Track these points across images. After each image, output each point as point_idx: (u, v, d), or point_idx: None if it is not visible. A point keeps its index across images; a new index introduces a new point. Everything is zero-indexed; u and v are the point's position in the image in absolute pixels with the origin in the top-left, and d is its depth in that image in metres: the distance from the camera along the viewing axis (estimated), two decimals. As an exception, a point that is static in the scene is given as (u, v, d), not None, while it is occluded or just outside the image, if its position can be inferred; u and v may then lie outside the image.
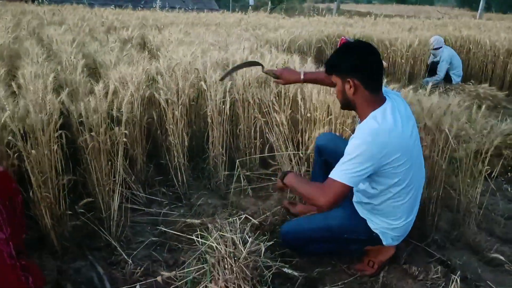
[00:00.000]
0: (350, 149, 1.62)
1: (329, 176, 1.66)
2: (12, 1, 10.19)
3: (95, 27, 5.82)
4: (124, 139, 2.15)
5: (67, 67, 2.90)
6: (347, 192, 1.65)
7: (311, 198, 1.71)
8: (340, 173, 1.63)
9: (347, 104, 1.79)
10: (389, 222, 1.82)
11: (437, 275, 1.95)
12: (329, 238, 1.90)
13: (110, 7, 9.95)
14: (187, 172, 2.74)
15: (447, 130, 2.02)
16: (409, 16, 13.93)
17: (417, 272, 1.98)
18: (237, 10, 12.55)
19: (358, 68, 1.68)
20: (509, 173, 3.09)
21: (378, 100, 1.71)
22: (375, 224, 1.84)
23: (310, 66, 3.20)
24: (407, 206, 1.79)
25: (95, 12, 8.00)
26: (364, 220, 1.86)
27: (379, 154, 1.60)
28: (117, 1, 16.52)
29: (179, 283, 1.75)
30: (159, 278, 1.76)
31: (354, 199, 1.94)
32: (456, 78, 5.97)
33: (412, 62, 5.97)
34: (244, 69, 2.97)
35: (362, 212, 1.88)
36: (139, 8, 10.90)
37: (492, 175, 2.26)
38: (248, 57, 3.41)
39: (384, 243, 1.87)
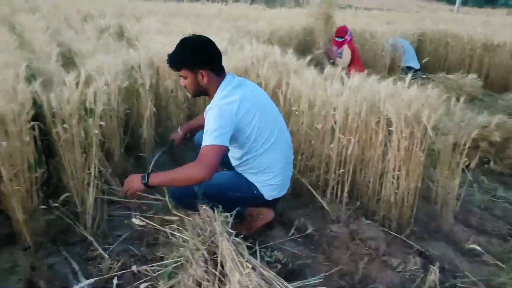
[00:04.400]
0: (210, 120, 1.85)
1: (202, 146, 1.82)
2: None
3: (71, 15, 5.66)
4: (96, 131, 2.08)
5: (40, 55, 2.80)
6: (222, 153, 1.81)
7: (189, 177, 1.80)
8: (210, 139, 1.80)
9: (200, 92, 2.02)
10: (262, 179, 2.05)
11: (416, 267, 1.97)
12: (217, 195, 1.93)
13: (86, -5, 9.67)
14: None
15: (425, 122, 2.03)
16: (388, 9, 14.02)
17: (396, 264, 2.00)
18: (217, 0, 12.40)
19: (207, 61, 1.94)
20: (485, 165, 3.14)
21: (222, 78, 1.99)
22: (253, 180, 2.06)
23: (291, 58, 3.16)
24: (270, 161, 2.03)
25: None
26: (246, 179, 2.06)
27: (230, 116, 1.87)
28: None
29: (156, 274, 1.72)
30: (134, 268, 1.73)
31: (233, 164, 2.12)
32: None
33: (392, 54, 6.01)
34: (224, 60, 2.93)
35: (241, 173, 2.09)
36: (117, -3, 10.63)
37: (470, 167, 2.28)
38: (227, 48, 3.36)
39: (265, 196, 2.07)
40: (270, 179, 2.06)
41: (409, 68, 5.95)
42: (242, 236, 1.68)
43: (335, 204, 2.44)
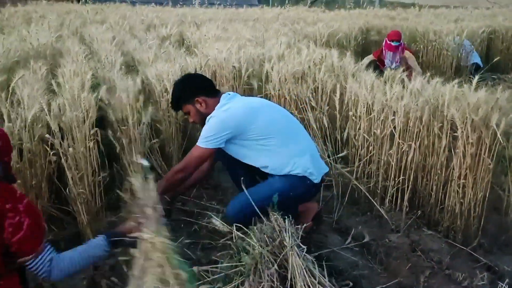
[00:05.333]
0: (207, 128, 1.98)
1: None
2: (59, 1, 10.58)
3: (135, 25, 5.93)
4: (153, 141, 2.15)
5: (106, 64, 2.95)
6: (204, 154, 1.99)
7: (171, 181, 2.00)
8: (198, 142, 1.98)
9: (205, 119, 2.04)
10: (305, 159, 2.02)
11: (483, 282, 1.85)
12: (280, 202, 1.87)
13: (151, 5, 10.14)
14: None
15: (495, 127, 1.90)
16: (455, 7, 13.32)
17: (461, 278, 1.88)
18: (276, 4, 12.46)
19: (197, 88, 2.09)
20: None
21: (219, 98, 2.08)
22: (301, 168, 2.00)
23: (349, 61, 3.09)
24: (299, 143, 2.06)
25: (136, 10, 8.17)
26: (294, 174, 2.00)
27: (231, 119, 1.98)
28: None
29: (211, 278, 1.72)
30: (194, 268, 1.75)
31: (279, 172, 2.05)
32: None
33: (459, 54, 5.68)
34: (281, 64, 2.92)
35: (282, 171, 2.02)
36: (179, 5, 11.04)
37: (545, 175, 2.10)
38: (284, 52, 3.35)
39: (316, 178, 2.02)
40: (311, 156, 2.04)
41: (477, 68, 5.62)
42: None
43: (394, 213, 2.34)
